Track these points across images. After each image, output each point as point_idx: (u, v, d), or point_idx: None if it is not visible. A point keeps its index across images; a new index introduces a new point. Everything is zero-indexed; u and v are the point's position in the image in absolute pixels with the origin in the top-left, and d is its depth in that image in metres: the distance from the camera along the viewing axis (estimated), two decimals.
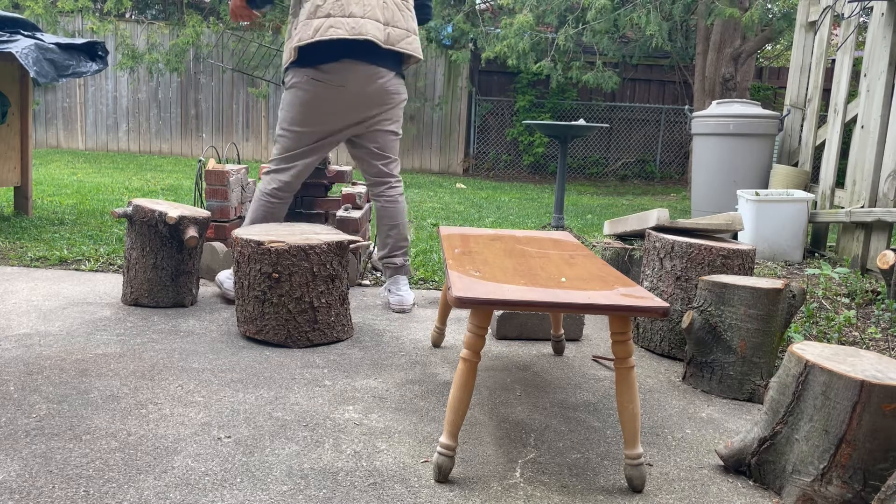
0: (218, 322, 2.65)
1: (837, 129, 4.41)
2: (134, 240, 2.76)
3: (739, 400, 2.16)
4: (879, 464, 1.48)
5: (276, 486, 1.51)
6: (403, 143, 10.64)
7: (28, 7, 8.50)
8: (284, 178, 2.83)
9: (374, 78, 2.76)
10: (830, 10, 4.58)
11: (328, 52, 2.69)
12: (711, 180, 5.17)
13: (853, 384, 1.49)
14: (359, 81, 2.74)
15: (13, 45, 3.64)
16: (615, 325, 1.59)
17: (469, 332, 1.58)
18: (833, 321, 2.90)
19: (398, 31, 2.79)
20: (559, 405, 2.04)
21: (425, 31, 9.14)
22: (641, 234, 3.11)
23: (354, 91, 2.75)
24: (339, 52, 2.70)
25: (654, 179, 10.88)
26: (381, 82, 2.79)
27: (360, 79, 2.74)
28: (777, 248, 4.32)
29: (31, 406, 1.83)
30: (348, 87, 2.74)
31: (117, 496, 1.44)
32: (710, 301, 2.19)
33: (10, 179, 4.37)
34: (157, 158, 9.83)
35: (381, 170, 2.95)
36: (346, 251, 2.50)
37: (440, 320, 2.46)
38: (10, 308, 2.68)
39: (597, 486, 1.59)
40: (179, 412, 1.84)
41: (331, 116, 2.77)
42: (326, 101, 2.74)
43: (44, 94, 10.29)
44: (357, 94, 2.76)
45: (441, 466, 1.56)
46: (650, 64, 10.76)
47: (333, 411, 1.91)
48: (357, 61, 2.72)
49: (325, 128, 2.79)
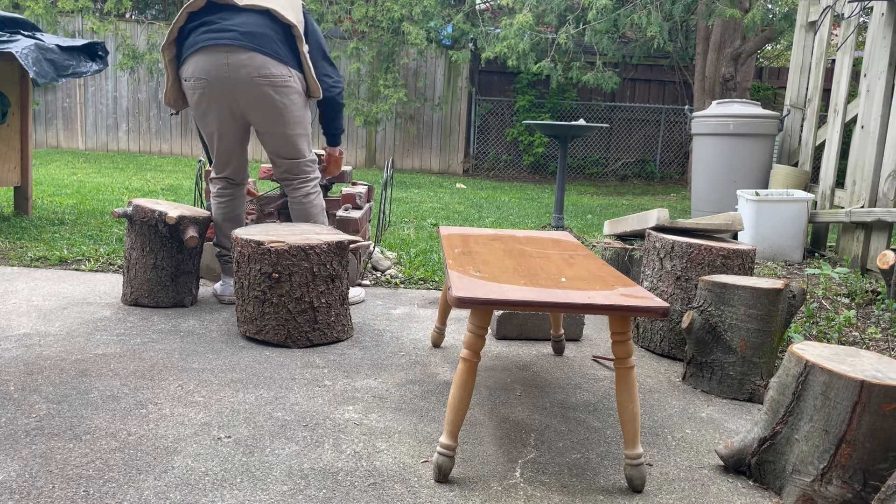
0: (218, 322, 2.65)
1: (837, 129, 4.41)
2: (134, 240, 2.76)
3: (739, 400, 2.16)
4: (879, 464, 1.48)
5: (276, 486, 1.51)
6: (403, 143, 10.64)
7: (28, 7, 8.50)
8: (222, 177, 2.87)
9: (234, 62, 2.54)
10: (830, 10, 4.58)
11: (186, 48, 2.64)
12: (711, 180, 5.17)
13: (853, 384, 1.49)
14: (217, 70, 2.55)
15: (13, 45, 3.64)
16: (615, 325, 1.59)
17: (469, 332, 1.58)
18: (833, 321, 2.90)
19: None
20: (559, 405, 2.04)
21: (426, 31, 9.14)
22: (641, 234, 3.11)
23: (214, 81, 2.57)
24: (192, 43, 2.61)
25: (654, 179, 10.88)
26: (244, 70, 2.55)
27: (218, 66, 2.55)
28: (777, 248, 4.32)
29: (31, 406, 1.83)
30: (209, 79, 2.58)
31: (117, 496, 1.44)
32: (710, 301, 2.19)
33: (10, 179, 4.37)
34: (157, 158, 9.83)
35: (282, 171, 2.80)
36: (346, 251, 2.50)
37: (440, 320, 2.46)
38: (10, 308, 2.68)
39: (597, 486, 1.59)
40: (179, 412, 1.84)
41: (206, 113, 2.69)
42: (195, 100, 2.68)
43: (44, 94, 10.29)
44: (220, 83, 2.58)
45: (441, 466, 1.56)
46: (650, 64, 10.75)
47: (333, 411, 1.91)
48: (210, 47, 2.55)
49: (212, 127, 2.73)
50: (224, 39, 2.55)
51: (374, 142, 10.64)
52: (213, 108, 2.67)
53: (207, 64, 2.58)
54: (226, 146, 2.78)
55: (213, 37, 2.56)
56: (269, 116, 2.66)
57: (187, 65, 2.63)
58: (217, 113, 2.69)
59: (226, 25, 2.58)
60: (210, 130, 2.75)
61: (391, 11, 8.94)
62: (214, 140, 2.77)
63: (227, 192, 2.88)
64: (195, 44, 2.59)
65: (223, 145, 2.77)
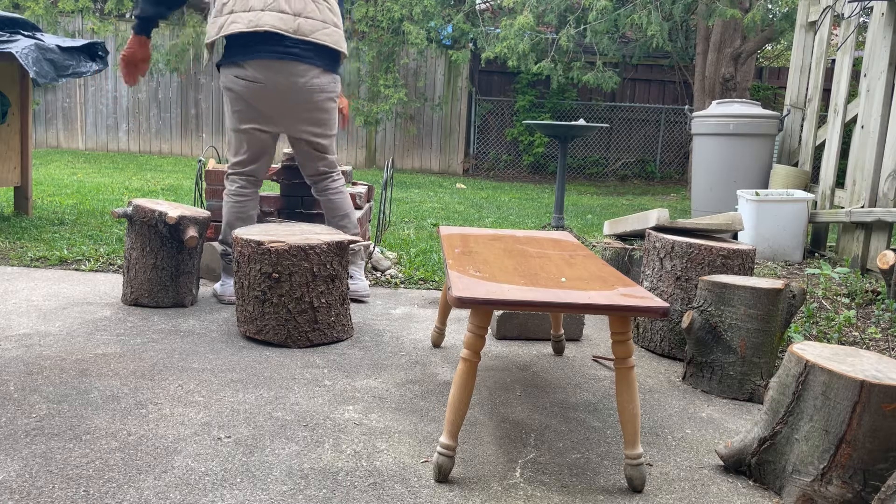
0: (218, 322, 2.65)
1: (837, 129, 4.41)
2: (134, 240, 2.76)
3: (739, 400, 2.16)
4: (879, 464, 1.48)
5: (276, 486, 1.51)
6: (403, 143, 10.64)
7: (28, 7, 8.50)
8: (242, 177, 2.86)
9: (292, 73, 2.71)
10: (830, 10, 4.58)
11: (245, 50, 2.69)
12: (711, 180, 5.17)
13: (853, 384, 1.49)
14: (275, 77, 2.70)
15: (13, 46, 3.64)
16: (615, 325, 1.59)
17: (469, 332, 1.58)
18: (833, 321, 2.90)
19: (311, 22, 2.73)
20: (559, 405, 2.04)
21: (426, 31, 9.14)
22: (641, 234, 3.11)
23: (272, 87, 2.71)
24: (255, 49, 2.68)
25: (654, 179, 10.88)
26: (301, 80, 2.73)
27: (276, 75, 2.70)
28: (777, 248, 4.32)
29: (31, 406, 1.83)
30: (267, 84, 2.70)
31: (117, 496, 1.44)
32: (710, 301, 2.19)
33: (10, 179, 4.37)
34: (157, 158, 9.83)
35: (318, 169, 2.95)
36: (346, 251, 2.50)
37: (440, 320, 2.46)
38: (10, 308, 2.68)
39: (597, 486, 1.59)
40: (179, 412, 1.84)
41: (257, 112, 2.75)
42: (250, 98, 2.72)
43: (44, 94, 10.29)
44: (276, 91, 2.72)
45: (441, 466, 1.56)
46: (650, 64, 10.76)
47: (333, 411, 1.91)
48: (272, 58, 2.68)
49: (256, 124, 2.77)
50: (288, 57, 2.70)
51: (374, 142, 10.64)
52: (263, 105, 2.73)
53: (269, 70, 2.69)
54: (261, 142, 2.81)
55: (278, 51, 2.69)
56: (318, 118, 2.84)
57: (245, 66, 2.69)
58: (266, 110, 2.75)
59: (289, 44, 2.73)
60: (250, 126, 2.77)
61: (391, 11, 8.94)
62: (250, 135, 2.79)
63: (247, 190, 2.87)
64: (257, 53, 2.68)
65: (258, 140, 2.80)
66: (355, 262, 3.04)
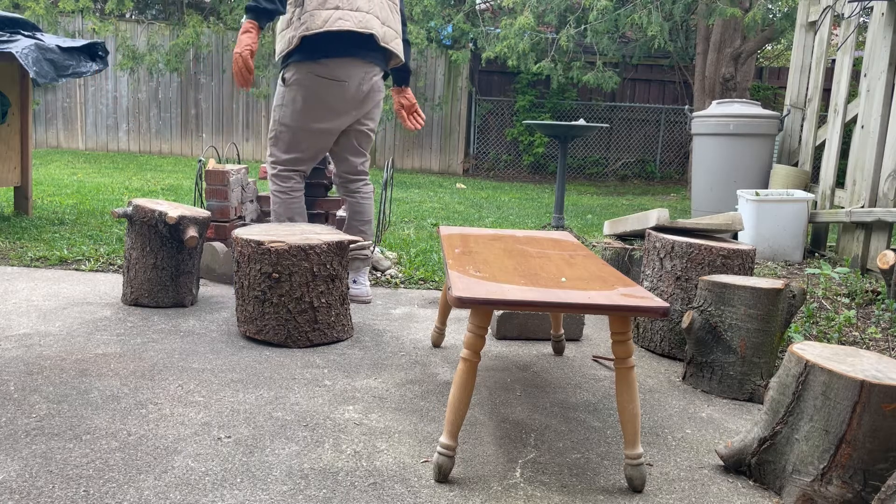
0: (218, 322, 2.65)
1: (837, 129, 4.41)
2: (134, 240, 2.76)
3: (739, 400, 2.16)
4: (879, 464, 1.48)
5: (276, 486, 1.51)
6: (403, 143, 10.65)
7: (29, 7, 8.50)
8: (297, 174, 2.89)
9: (370, 75, 2.80)
10: (830, 10, 4.58)
11: (332, 47, 2.70)
12: (711, 180, 5.17)
13: (853, 384, 1.49)
14: (358, 78, 2.77)
15: (13, 46, 3.64)
16: (615, 325, 1.59)
17: (469, 332, 1.58)
18: (833, 321, 2.90)
19: (391, 32, 2.84)
20: (559, 405, 2.04)
21: (426, 31, 9.14)
22: (641, 234, 3.11)
23: (354, 87, 2.77)
24: (342, 48, 2.71)
25: (654, 179, 10.87)
26: (375, 80, 2.84)
27: (360, 75, 2.77)
28: (777, 248, 4.32)
29: (31, 406, 1.83)
30: (349, 83, 2.76)
31: (117, 496, 1.44)
32: (710, 301, 2.19)
33: (10, 179, 4.37)
34: (157, 158, 9.83)
35: (357, 167, 3.00)
36: (346, 251, 2.50)
37: (440, 320, 2.46)
38: (10, 308, 2.68)
39: (597, 486, 1.59)
40: (179, 412, 1.84)
41: (332, 112, 2.79)
42: (329, 97, 2.75)
43: (44, 94, 10.29)
44: (356, 91, 2.78)
45: (441, 466, 1.56)
46: (650, 64, 10.75)
47: (333, 411, 1.91)
48: (358, 58, 2.74)
49: (327, 124, 2.81)
50: (369, 59, 2.79)
51: (374, 142, 10.64)
52: (339, 103, 2.77)
53: (353, 70, 2.74)
54: (325, 143, 2.86)
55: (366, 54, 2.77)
56: (375, 114, 2.95)
57: (328, 64, 2.71)
58: (341, 108, 2.79)
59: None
60: (321, 126, 2.80)
61: None
62: (317, 135, 2.82)
63: (300, 184, 2.92)
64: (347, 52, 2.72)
65: (323, 140, 2.84)
66: (361, 269, 3.05)
